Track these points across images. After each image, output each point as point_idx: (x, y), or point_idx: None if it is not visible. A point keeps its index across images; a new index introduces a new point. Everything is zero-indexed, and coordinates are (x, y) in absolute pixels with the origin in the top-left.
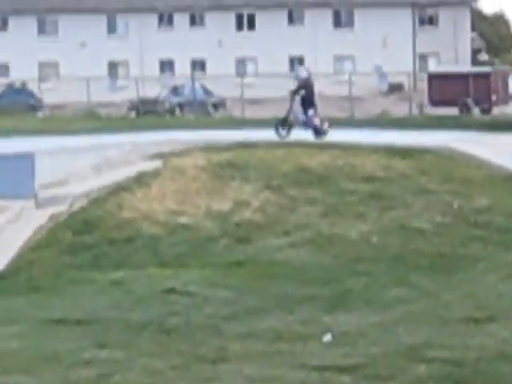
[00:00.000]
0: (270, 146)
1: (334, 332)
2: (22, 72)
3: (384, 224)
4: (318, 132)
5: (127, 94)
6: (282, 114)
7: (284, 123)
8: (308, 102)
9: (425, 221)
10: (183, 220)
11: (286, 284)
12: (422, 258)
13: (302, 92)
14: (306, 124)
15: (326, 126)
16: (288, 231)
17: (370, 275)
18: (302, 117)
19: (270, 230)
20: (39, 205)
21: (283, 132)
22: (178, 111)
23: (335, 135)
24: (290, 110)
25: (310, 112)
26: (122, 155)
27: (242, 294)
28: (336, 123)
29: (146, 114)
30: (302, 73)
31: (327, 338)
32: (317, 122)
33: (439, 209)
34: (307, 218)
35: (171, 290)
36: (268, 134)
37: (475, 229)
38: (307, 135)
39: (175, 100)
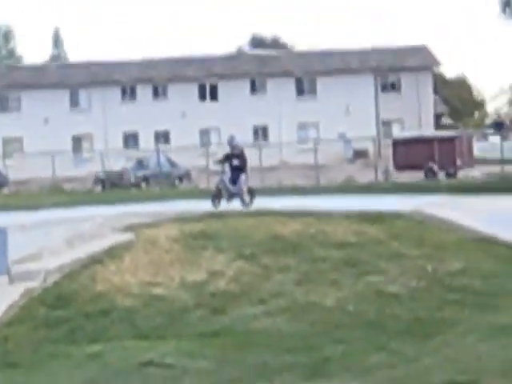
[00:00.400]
0: (240, 215)
1: None
2: None
3: (359, 290)
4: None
5: (92, 167)
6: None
7: (218, 194)
8: (239, 169)
9: (400, 286)
10: (158, 291)
11: (264, 353)
12: (399, 323)
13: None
14: (237, 193)
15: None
16: (263, 300)
17: (347, 342)
18: (231, 187)
19: (245, 299)
20: (12, 280)
21: (217, 203)
22: (143, 184)
23: (304, 203)
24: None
25: (241, 181)
26: (93, 228)
27: (220, 364)
28: (302, 191)
29: (112, 187)
30: (234, 139)
31: None
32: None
33: (414, 273)
34: (282, 286)
35: (149, 363)
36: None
37: (450, 292)
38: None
39: (140, 173)
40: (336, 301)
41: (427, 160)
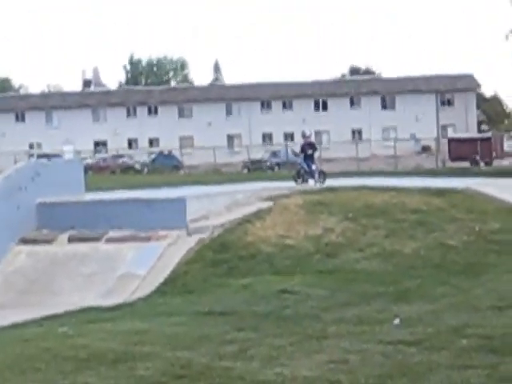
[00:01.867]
0: (346, 189)
1: (400, 317)
2: (168, 143)
3: (428, 242)
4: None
5: (241, 157)
6: (348, 169)
7: (298, 175)
8: (312, 156)
9: (456, 240)
10: (289, 242)
11: (363, 285)
12: (456, 266)
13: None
14: (310, 174)
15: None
16: (362, 248)
17: (421, 278)
18: (307, 169)
19: (349, 248)
20: (190, 233)
21: (299, 181)
22: (276, 168)
23: (388, 182)
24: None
25: (314, 166)
26: (245, 198)
27: (333, 292)
28: (386, 174)
29: (255, 170)
30: (307, 132)
31: (396, 321)
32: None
33: (465, 231)
34: (374, 238)
35: (284, 291)
36: (342, 182)
37: (491, 244)
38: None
39: (274, 161)
40: (412, 249)
41: (472, 153)
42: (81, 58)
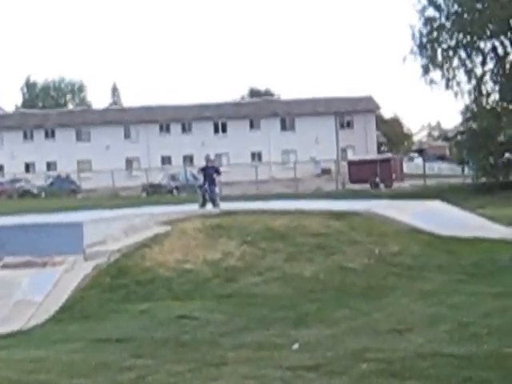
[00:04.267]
0: (244, 213)
1: (299, 342)
2: (66, 167)
3: (328, 265)
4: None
5: (140, 180)
6: (248, 192)
7: (204, 199)
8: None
9: (356, 263)
10: (187, 266)
11: (262, 309)
12: (356, 289)
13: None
14: (212, 199)
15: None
16: (261, 272)
17: (320, 302)
18: (209, 193)
19: (248, 272)
20: (86, 258)
21: (205, 205)
22: (175, 192)
23: (288, 205)
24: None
25: (216, 190)
26: (142, 222)
27: (232, 317)
28: (285, 196)
29: (154, 193)
30: (211, 156)
31: (295, 346)
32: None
33: (365, 254)
34: (274, 262)
35: (182, 316)
36: (240, 205)
37: (391, 267)
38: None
39: (173, 184)
40: (311, 272)
41: (372, 175)
42: None
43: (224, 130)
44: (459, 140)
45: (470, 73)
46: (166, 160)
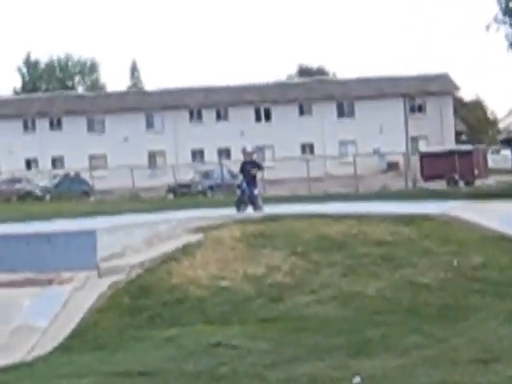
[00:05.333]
0: (293, 217)
1: (361, 375)
2: (75, 164)
3: (395, 281)
4: (256, 207)
5: (165, 179)
6: (298, 191)
7: (240, 201)
8: (255, 178)
9: (430, 277)
10: (224, 283)
11: (315, 335)
12: (430, 309)
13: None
14: (251, 199)
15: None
16: (314, 290)
17: (386, 325)
18: (249, 193)
19: (298, 290)
20: (101, 275)
21: (243, 208)
22: (209, 192)
23: (346, 208)
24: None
25: (256, 190)
26: (169, 230)
27: (278, 345)
28: (343, 197)
29: (182, 195)
30: (248, 147)
31: (356, 380)
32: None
33: (441, 267)
34: (329, 278)
35: (217, 344)
36: (288, 208)
37: (473, 283)
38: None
39: (206, 183)
40: (376, 290)
41: (449, 171)
42: None
43: (268, 116)
44: None
45: None
46: (197, 154)
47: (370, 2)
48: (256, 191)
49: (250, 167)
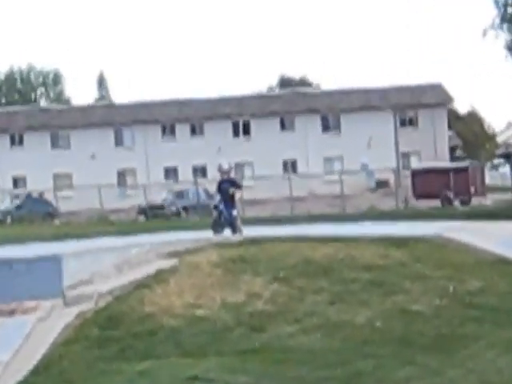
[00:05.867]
0: (275, 241)
1: None
2: (39, 183)
3: (386, 309)
4: (235, 230)
5: (136, 199)
6: (280, 212)
7: (216, 223)
8: (233, 198)
9: (424, 304)
10: (201, 312)
11: (300, 368)
12: (424, 339)
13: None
14: (229, 221)
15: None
16: (298, 319)
17: (377, 357)
18: (227, 215)
19: (281, 319)
20: (67, 303)
21: (219, 231)
22: (183, 214)
23: (332, 229)
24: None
25: (234, 212)
26: (141, 255)
27: (260, 378)
28: (329, 219)
29: (154, 217)
30: (224, 165)
31: None
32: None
33: (436, 293)
34: (315, 306)
35: (194, 378)
36: (270, 231)
37: (471, 310)
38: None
39: (181, 204)
40: (365, 319)
41: (443, 189)
42: None
43: (247, 131)
44: None
45: None
46: (170, 173)
47: (356, 9)
48: (234, 212)
49: (227, 186)
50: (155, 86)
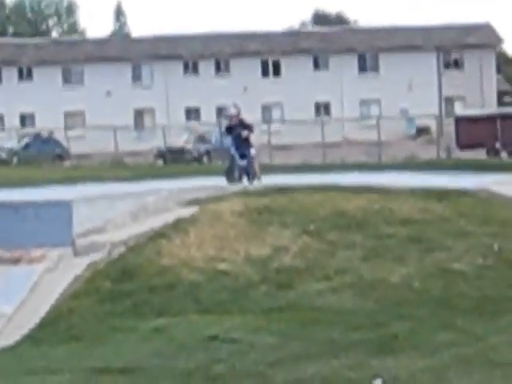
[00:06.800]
0: (305, 190)
1: (383, 377)
2: (48, 122)
3: (424, 267)
4: (252, 177)
5: (154, 142)
6: (311, 159)
7: (231, 170)
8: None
9: (466, 263)
10: (222, 266)
11: (330, 330)
12: (466, 301)
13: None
14: (246, 169)
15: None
16: (328, 276)
17: (414, 319)
18: (241, 162)
19: (310, 275)
20: (77, 253)
21: (235, 178)
22: (205, 159)
23: (367, 179)
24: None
25: (252, 154)
26: (158, 202)
27: (286, 339)
28: (364, 167)
29: (174, 162)
30: (230, 110)
31: (377, 382)
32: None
33: (479, 251)
34: (347, 262)
35: (214, 337)
36: (299, 179)
37: None
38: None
39: (202, 148)
40: (401, 277)
41: (490, 138)
42: None
43: (277, 70)
44: None
45: None
46: (192, 113)
47: None
48: (252, 155)
49: (239, 130)
50: (177, 19)
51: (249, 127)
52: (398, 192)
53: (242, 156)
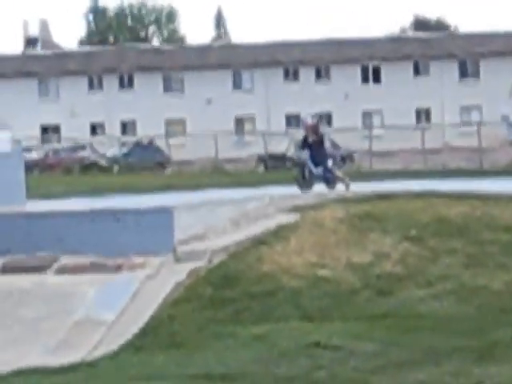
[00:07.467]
0: (406, 196)
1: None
2: (149, 129)
3: None
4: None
5: (254, 148)
6: (411, 165)
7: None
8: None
9: None
10: (324, 273)
11: (431, 336)
12: None
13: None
14: (324, 177)
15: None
16: (430, 282)
17: None
18: (315, 170)
19: (411, 282)
20: (178, 260)
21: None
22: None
23: (469, 185)
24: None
25: (329, 164)
26: (259, 209)
27: (387, 346)
28: (466, 174)
29: (274, 168)
30: (309, 120)
31: None
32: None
33: None
34: (448, 268)
35: (315, 344)
36: (400, 185)
37: None
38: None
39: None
40: (504, 284)
41: None
42: (22, 7)
43: (376, 77)
44: None
45: None
46: (292, 120)
47: None
48: (329, 164)
49: (311, 135)
50: (277, 26)
51: (321, 137)
52: (499, 198)
53: (317, 164)
